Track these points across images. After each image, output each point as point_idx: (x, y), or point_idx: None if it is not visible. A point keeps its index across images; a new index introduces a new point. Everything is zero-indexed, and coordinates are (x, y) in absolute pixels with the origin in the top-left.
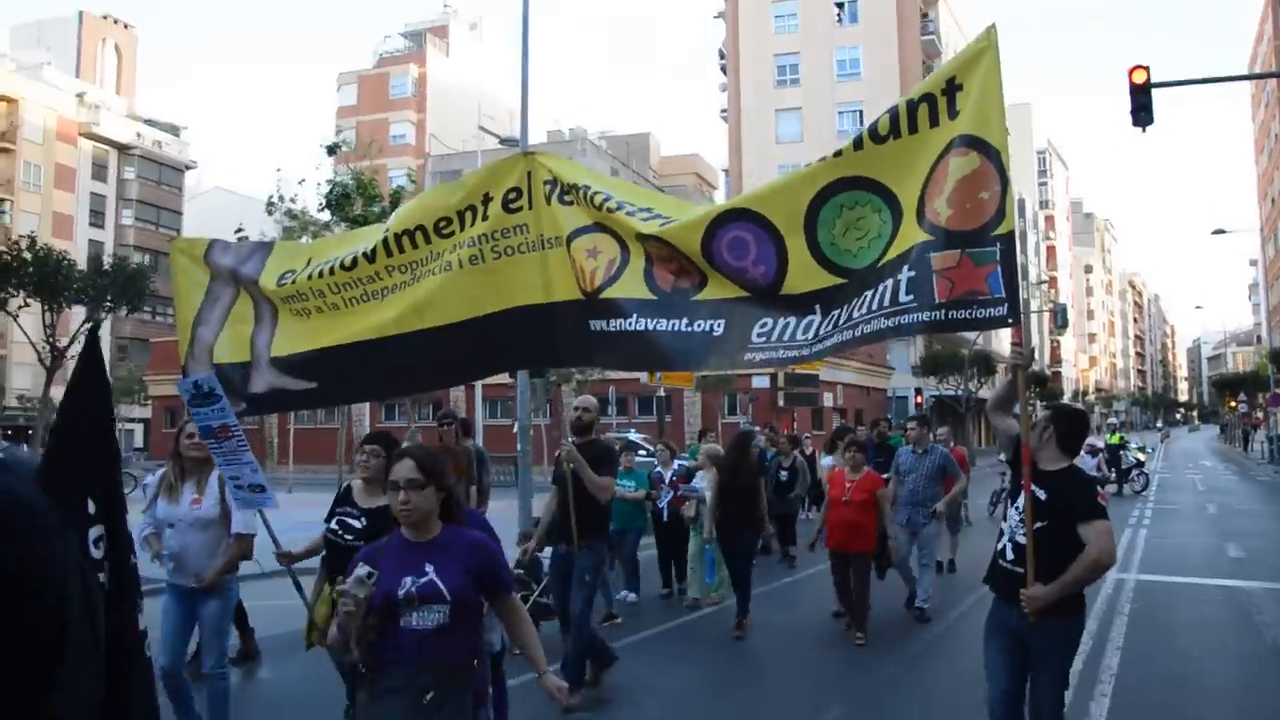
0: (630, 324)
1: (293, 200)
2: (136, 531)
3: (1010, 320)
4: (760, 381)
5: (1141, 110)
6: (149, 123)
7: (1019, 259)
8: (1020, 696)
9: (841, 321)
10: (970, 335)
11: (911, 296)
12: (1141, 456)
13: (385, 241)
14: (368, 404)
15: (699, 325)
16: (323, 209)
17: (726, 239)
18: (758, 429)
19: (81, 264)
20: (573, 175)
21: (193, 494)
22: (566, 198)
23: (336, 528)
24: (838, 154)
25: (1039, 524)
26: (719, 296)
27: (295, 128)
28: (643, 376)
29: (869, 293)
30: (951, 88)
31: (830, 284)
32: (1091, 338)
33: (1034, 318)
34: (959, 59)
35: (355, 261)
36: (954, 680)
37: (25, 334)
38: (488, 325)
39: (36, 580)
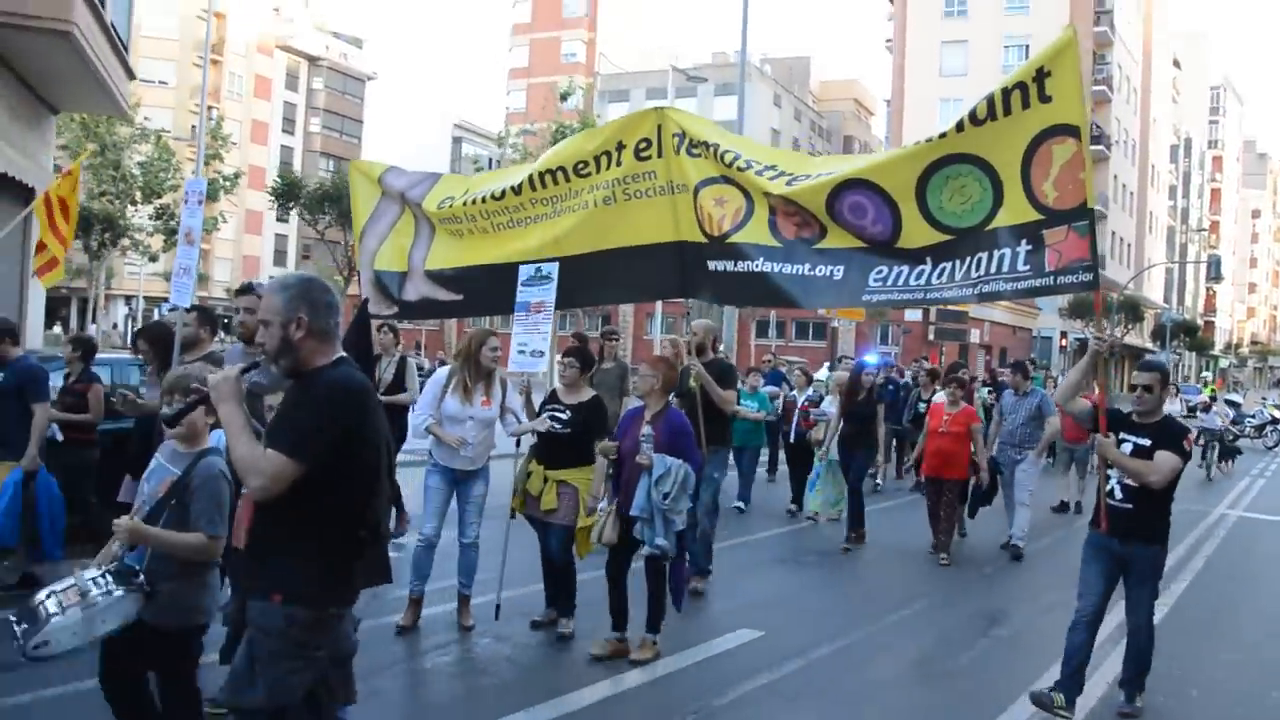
0: (755, 265)
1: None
2: (416, 420)
3: (1096, 283)
4: (913, 315)
5: None
6: (335, 35)
7: (1181, 202)
8: (1103, 611)
9: (958, 275)
10: (1120, 280)
11: (1028, 266)
12: (1278, 413)
13: (531, 178)
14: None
15: (820, 270)
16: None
17: (848, 202)
18: (893, 365)
19: (273, 169)
20: (702, 133)
21: (483, 396)
22: (694, 151)
23: (547, 420)
24: (942, 135)
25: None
26: (839, 246)
27: (469, 41)
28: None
29: (983, 255)
30: (1040, 75)
31: (939, 240)
32: (1252, 287)
33: (1189, 267)
34: (1044, 52)
35: (504, 193)
36: (1024, 593)
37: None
38: (618, 257)
39: (372, 434)
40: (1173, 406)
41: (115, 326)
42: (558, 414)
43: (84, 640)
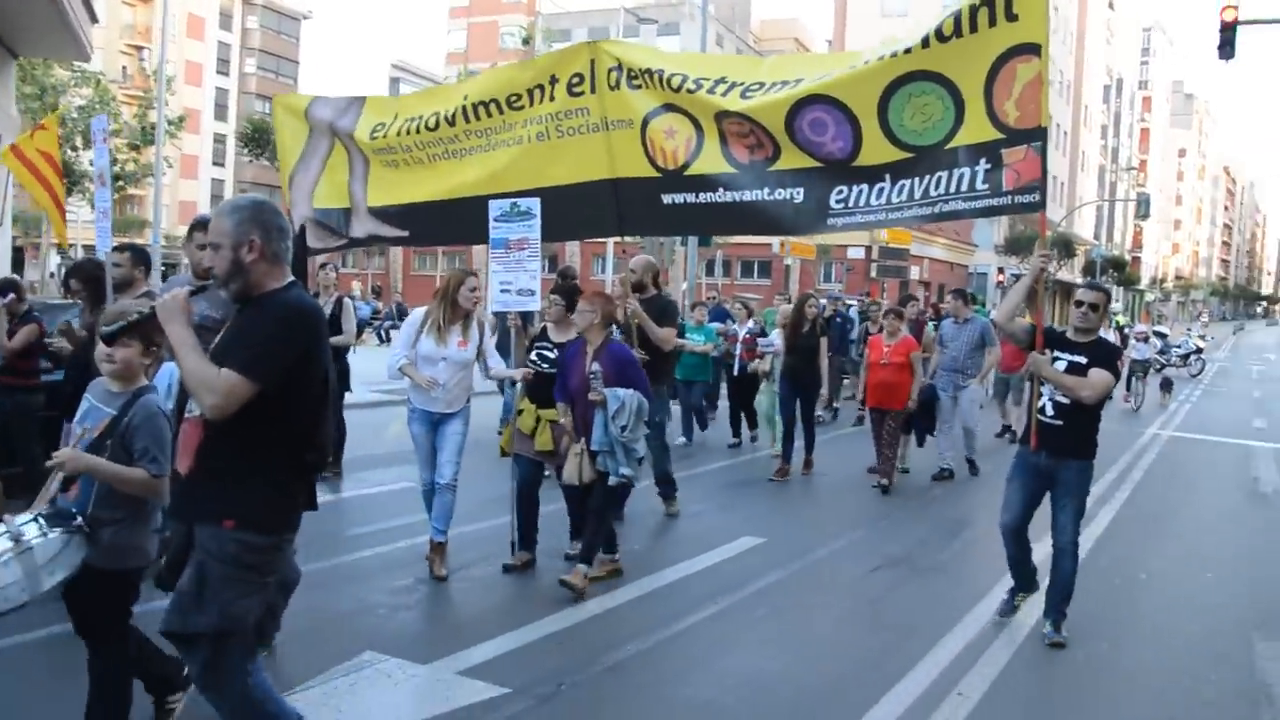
0: (718, 196)
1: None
2: (391, 360)
3: (1043, 203)
4: (855, 252)
5: (1226, 45)
6: None
7: (1112, 141)
8: (1027, 524)
9: (917, 194)
10: (1054, 218)
11: (986, 186)
12: (1201, 343)
13: (464, 109)
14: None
15: (780, 194)
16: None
17: (808, 118)
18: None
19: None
20: (641, 61)
21: (459, 337)
22: (635, 82)
23: (535, 358)
24: (908, 51)
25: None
26: (795, 166)
27: None
28: (774, 245)
29: (942, 174)
30: None
31: (899, 158)
32: (1177, 224)
33: (1118, 205)
34: None
35: (438, 123)
36: (980, 505)
37: None
38: (553, 194)
39: (323, 357)
40: (1143, 349)
41: (51, 275)
42: (545, 352)
43: (32, 594)
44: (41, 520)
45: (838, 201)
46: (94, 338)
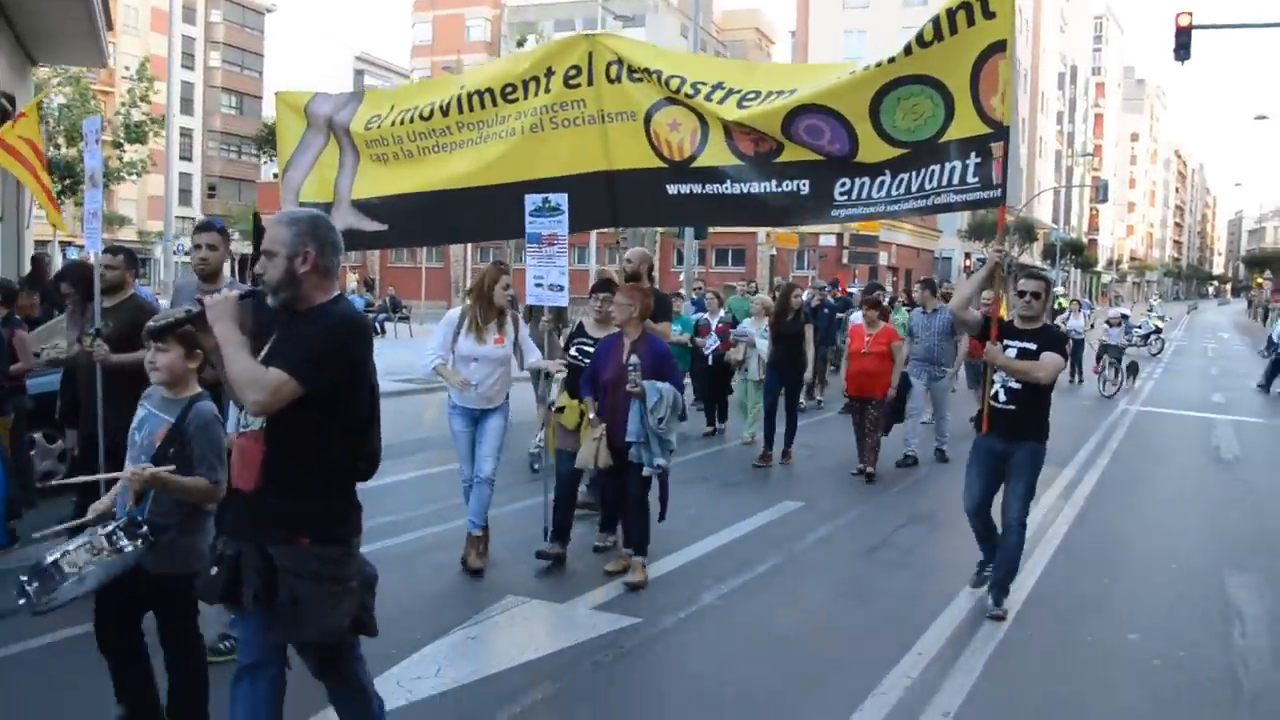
0: (724, 187)
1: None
2: (425, 359)
3: (1004, 198)
4: (827, 240)
5: (1181, 49)
6: None
7: (1068, 128)
8: (989, 504)
9: (914, 188)
10: (1016, 205)
11: (977, 179)
12: (1160, 324)
13: (458, 99)
14: (467, 248)
15: (787, 185)
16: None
17: (803, 125)
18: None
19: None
20: (642, 59)
21: (495, 334)
22: (636, 76)
23: (575, 354)
24: (891, 60)
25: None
26: (799, 159)
27: None
28: (759, 235)
29: (936, 167)
30: None
31: (896, 154)
32: (1131, 206)
33: (1075, 193)
34: None
35: (432, 112)
36: (920, 518)
37: None
38: (545, 186)
39: (372, 368)
40: (1076, 323)
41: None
42: (585, 347)
43: (81, 592)
44: (118, 532)
45: (841, 193)
46: (81, 343)
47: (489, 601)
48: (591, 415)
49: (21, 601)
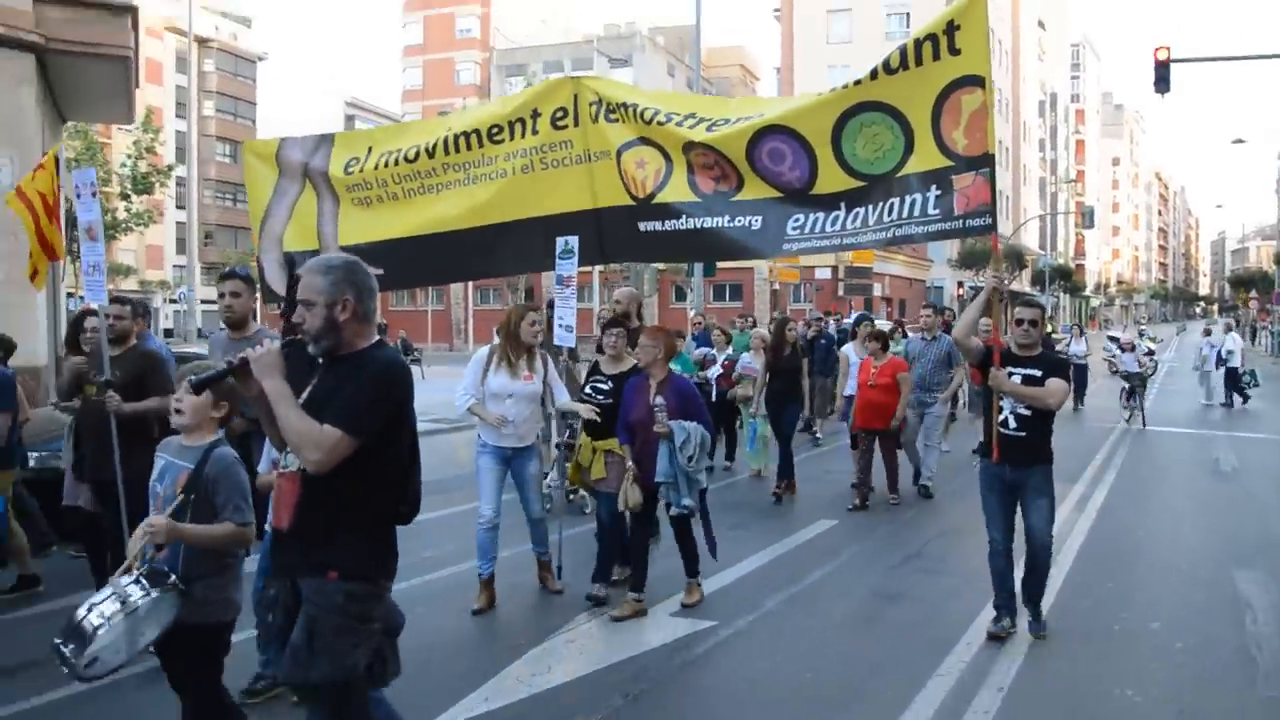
0: (681, 223)
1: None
2: (460, 400)
3: (995, 225)
4: (823, 273)
5: (1161, 81)
6: (223, 15)
7: (1050, 155)
8: (1014, 534)
9: (871, 220)
10: (1005, 233)
11: (938, 211)
12: (1153, 345)
13: (444, 141)
14: (466, 287)
15: (739, 220)
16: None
17: (767, 148)
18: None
19: (170, 155)
20: (619, 95)
21: (525, 371)
22: (612, 116)
23: (590, 392)
24: (857, 82)
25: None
26: (755, 197)
27: (360, 18)
28: (762, 271)
29: (894, 200)
30: (951, 28)
31: (853, 186)
32: (1115, 230)
33: (1060, 218)
34: (955, 7)
35: (418, 154)
36: (948, 532)
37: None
38: (539, 225)
39: (412, 412)
40: (1078, 347)
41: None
42: (600, 385)
43: (129, 655)
44: (143, 581)
45: (794, 229)
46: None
47: (576, 612)
48: (629, 463)
49: (65, 670)
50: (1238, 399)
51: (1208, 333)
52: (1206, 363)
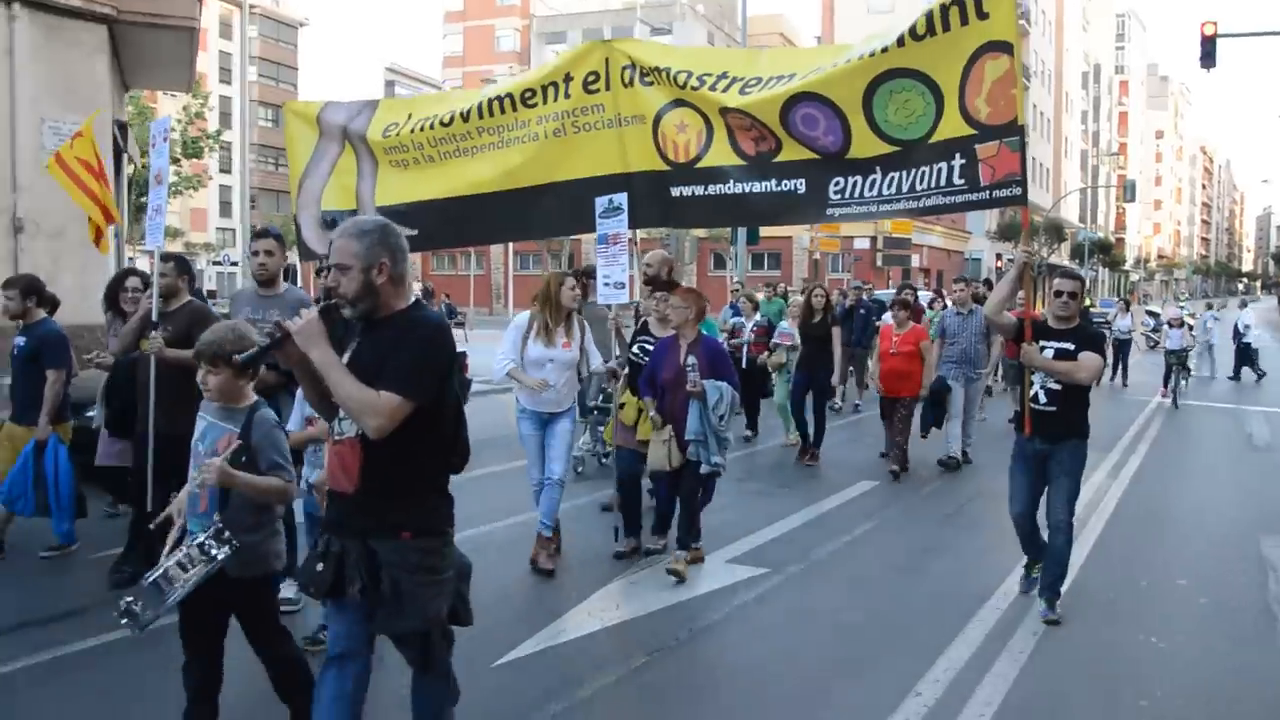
0: (727, 187)
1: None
2: (498, 365)
3: (1025, 198)
4: (862, 243)
5: (1207, 56)
6: None
7: (1093, 126)
8: (1035, 509)
9: (904, 188)
10: (1045, 205)
11: (963, 180)
12: (1191, 321)
13: (479, 105)
14: (507, 251)
15: (785, 185)
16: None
17: (800, 114)
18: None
19: (214, 120)
20: (652, 58)
21: (563, 338)
22: (647, 79)
23: (638, 352)
24: (884, 50)
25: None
26: (796, 158)
27: None
28: (803, 241)
29: (924, 169)
30: None
31: (886, 151)
32: (1157, 204)
33: (1101, 191)
34: None
35: (452, 119)
36: (984, 494)
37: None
38: (570, 189)
39: (459, 369)
40: (1123, 322)
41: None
42: (647, 346)
43: (176, 600)
44: (210, 542)
45: (835, 192)
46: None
47: (650, 561)
48: (652, 413)
49: (124, 621)
50: (1250, 374)
51: (1209, 306)
52: (1211, 334)
